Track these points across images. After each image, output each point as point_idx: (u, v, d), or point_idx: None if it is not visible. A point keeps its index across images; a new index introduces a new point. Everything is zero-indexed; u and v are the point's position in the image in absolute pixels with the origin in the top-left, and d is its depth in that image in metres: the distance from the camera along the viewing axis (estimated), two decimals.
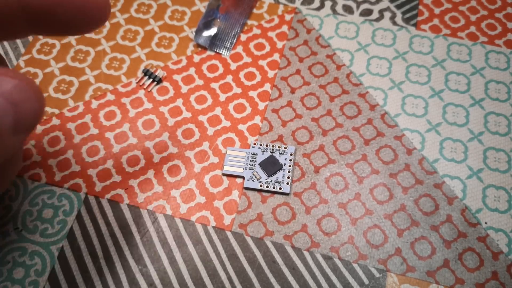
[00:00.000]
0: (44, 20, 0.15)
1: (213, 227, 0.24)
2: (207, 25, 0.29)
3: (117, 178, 0.25)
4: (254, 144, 0.25)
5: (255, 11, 0.31)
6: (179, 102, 0.27)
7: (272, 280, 0.22)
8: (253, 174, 0.24)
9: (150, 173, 0.25)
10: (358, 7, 0.31)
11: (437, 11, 0.30)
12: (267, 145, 0.25)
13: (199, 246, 0.23)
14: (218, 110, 0.27)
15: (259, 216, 0.24)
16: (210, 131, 0.26)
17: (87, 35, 0.30)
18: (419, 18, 0.30)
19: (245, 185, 0.24)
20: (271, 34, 0.30)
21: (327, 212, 0.24)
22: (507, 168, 0.25)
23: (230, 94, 0.27)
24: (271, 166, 0.25)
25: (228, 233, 0.23)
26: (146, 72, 0.28)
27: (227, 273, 0.22)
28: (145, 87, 0.28)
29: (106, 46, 0.29)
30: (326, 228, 0.23)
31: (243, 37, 0.30)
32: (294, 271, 0.22)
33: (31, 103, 0.14)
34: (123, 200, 0.24)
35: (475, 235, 0.23)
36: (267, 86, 0.28)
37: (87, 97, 0.27)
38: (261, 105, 0.27)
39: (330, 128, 0.26)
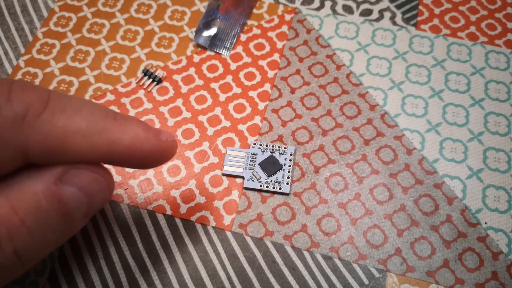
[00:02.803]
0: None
1: (213, 227, 0.24)
2: (207, 25, 0.29)
3: (117, 178, 0.25)
4: (254, 144, 0.25)
5: (255, 11, 0.31)
6: (179, 102, 0.27)
7: (272, 280, 0.22)
8: (253, 174, 0.24)
9: (150, 173, 0.25)
10: (358, 7, 0.31)
11: (437, 11, 0.30)
12: (267, 145, 0.25)
13: (199, 246, 0.23)
14: (218, 110, 0.27)
15: (259, 216, 0.24)
16: (210, 131, 0.26)
17: (87, 35, 0.30)
18: (419, 18, 0.30)
19: (245, 185, 0.24)
20: (271, 34, 0.30)
21: (327, 212, 0.24)
22: (507, 168, 0.25)
23: (230, 94, 0.27)
24: (271, 166, 0.25)
25: (228, 233, 0.23)
26: (146, 72, 0.28)
27: (227, 273, 0.22)
28: (145, 87, 0.28)
29: (106, 46, 0.29)
30: (326, 228, 0.23)
31: (243, 37, 0.30)
32: (294, 271, 0.22)
33: (104, 194, 0.16)
34: (123, 200, 0.24)
35: (475, 235, 0.23)
36: (267, 86, 0.28)
37: (87, 97, 0.27)
38: (261, 105, 0.27)
39: (330, 128, 0.26)
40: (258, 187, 0.24)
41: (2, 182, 0.15)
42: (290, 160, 0.25)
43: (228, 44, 0.29)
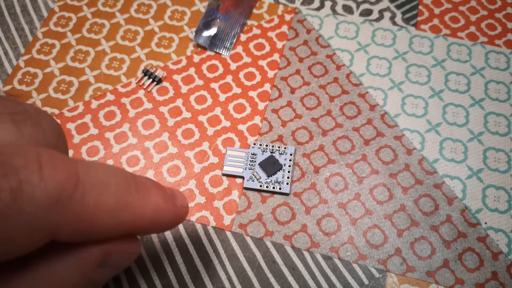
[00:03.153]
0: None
1: (213, 227, 0.24)
2: (207, 25, 0.29)
3: None
4: (254, 144, 0.25)
5: (255, 11, 0.31)
6: (179, 102, 0.27)
7: (272, 280, 0.22)
8: (253, 174, 0.24)
9: (150, 173, 0.25)
10: (358, 7, 0.31)
11: (437, 11, 0.30)
12: (267, 145, 0.25)
13: (199, 246, 0.23)
14: (218, 110, 0.27)
15: (259, 216, 0.24)
16: (210, 131, 0.26)
17: (86, 35, 0.30)
18: (419, 18, 0.30)
19: (245, 185, 0.24)
20: (271, 34, 0.30)
21: (327, 212, 0.24)
22: (507, 168, 0.25)
23: (230, 94, 0.27)
24: (271, 166, 0.25)
25: (228, 233, 0.23)
26: (146, 72, 0.28)
27: (226, 273, 0.22)
28: (145, 87, 0.28)
29: (106, 46, 0.29)
30: (326, 228, 0.23)
31: (243, 37, 0.30)
32: (294, 271, 0.22)
33: (131, 261, 0.17)
34: None
35: (475, 235, 0.23)
36: (267, 86, 0.28)
37: (87, 97, 0.27)
38: (261, 105, 0.27)
39: (330, 128, 0.26)
40: (258, 187, 0.24)
41: (41, 268, 0.15)
42: (290, 160, 0.25)
43: (228, 44, 0.29)
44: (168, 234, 0.23)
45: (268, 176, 0.24)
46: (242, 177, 0.25)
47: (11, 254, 0.13)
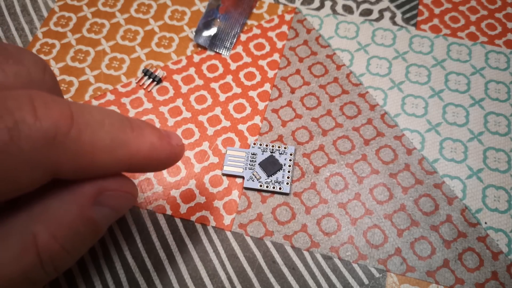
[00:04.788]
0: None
1: (213, 227, 0.24)
2: (207, 25, 0.29)
3: None
4: (254, 144, 0.25)
5: (255, 11, 0.31)
6: (179, 102, 0.27)
7: (272, 280, 0.22)
8: (253, 174, 0.24)
9: (150, 173, 0.25)
10: (358, 7, 0.31)
11: (437, 11, 0.30)
12: (267, 145, 0.25)
13: (199, 246, 0.23)
14: (218, 110, 0.27)
15: (259, 216, 0.24)
16: (210, 131, 0.26)
17: (86, 35, 0.30)
18: (419, 18, 0.30)
19: (245, 185, 0.24)
20: (271, 34, 0.30)
21: (327, 212, 0.24)
22: (507, 168, 0.25)
23: (230, 94, 0.27)
24: (271, 166, 0.25)
25: (228, 233, 0.23)
26: (146, 72, 0.28)
27: (226, 273, 0.22)
28: (145, 87, 0.28)
29: (106, 46, 0.29)
30: (326, 228, 0.23)
31: (243, 37, 0.30)
32: (294, 271, 0.22)
33: (130, 206, 0.18)
34: None
35: (475, 235, 0.23)
36: (267, 86, 0.28)
37: (87, 97, 0.27)
38: (261, 105, 0.27)
39: (330, 128, 0.26)
40: (258, 187, 0.24)
41: (36, 206, 0.15)
42: (290, 160, 0.25)
43: (228, 44, 0.29)
44: (168, 234, 0.23)
45: (268, 176, 0.24)
46: (242, 177, 0.25)
47: (13, 192, 0.14)
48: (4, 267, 0.14)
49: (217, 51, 0.29)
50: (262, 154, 0.25)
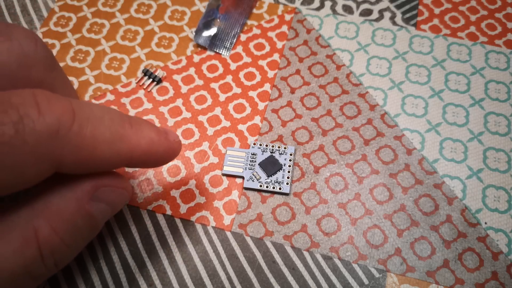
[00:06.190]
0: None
1: (213, 227, 0.24)
2: (207, 25, 0.29)
3: None
4: (254, 144, 0.25)
5: (255, 11, 0.31)
6: (179, 102, 0.27)
7: (272, 280, 0.22)
8: (253, 174, 0.24)
9: (150, 173, 0.25)
10: (358, 7, 0.31)
11: (437, 11, 0.30)
12: (267, 145, 0.25)
13: (199, 246, 0.23)
14: (218, 110, 0.27)
15: (259, 216, 0.24)
16: (210, 131, 0.26)
17: (86, 35, 0.30)
18: (419, 18, 0.30)
19: (245, 185, 0.24)
20: (271, 34, 0.30)
21: (327, 212, 0.24)
22: (507, 168, 0.25)
23: (230, 94, 0.27)
24: (271, 166, 0.25)
25: (228, 233, 0.23)
26: (146, 72, 0.28)
27: (226, 273, 0.22)
28: (145, 87, 0.28)
29: (106, 46, 0.29)
30: (326, 228, 0.23)
31: (243, 37, 0.30)
32: (293, 271, 0.22)
33: (125, 202, 0.19)
34: None
35: (475, 235, 0.23)
36: (267, 86, 0.28)
37: (87, 97, 0.27)
38: (261, 105, 0.27)
39: (330, 128, 0.26)
40: (258, 187, 0.24)
41: (37, 201, 0.16)
42: (290, 160, 0.25)
43: (228, 44, 0.29)
44: (168, 234, 0.23)
45: (268, 176, 0.24)
46: (242, 177, 0.25)
47: (20, 185, 0.14)
48: (5, 260, 0.15)
49: (217, 51, 0.29)
50: (262, 154, 0.25)
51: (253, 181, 0.24)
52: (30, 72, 0.17)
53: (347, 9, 0.31)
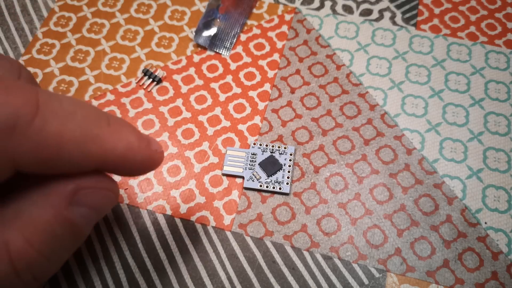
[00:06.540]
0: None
1: (213, 227, 0.24)
2: (207, 25, 0.29)
3: (117, 178, 0.25)
4: (254, 144, 0.25)
5: (255, 11, 0.31)
6: (179, 102, 0.27)
7: (272, 280, 0.22)
8: (253, 174, 0.24)
9: (150, 173, 0.25)
10: (358, 7, 0.31)
11: (437, 11, 0.30)
12: (267, 145, 0.25)
13: (199, 246, 0.23)
14: (218, 110, 0.27)
15: (259, 216, 0.24)
16: (210, 131, 0.26)
17: (86, 35, 0.30)
18: (419, 18, 0.30)
19: (245, 185, 0.24)
20: (271, 34, 0.30)
21: (327, 212, 0.24)
22: (507, 168, 0.25)
23: (230, 94, 0.27)
24: (271, 166, 0.25)
25: (228, 233, 0.23)
26: (146, 72, 0.28)
27: (226, 273, 0.22)
28: (145, 87, 0.28)
29: (106, 46, 0.29)
30: (326, 228, 0.23)
31: (243, 37, 0.30)
32: (293, 271, 0.22)
33: (111, 204, 0.16)
34: (123, 200, 0.24)
35: (475, 235, 0.23)
36: (267, 86, 0.28)
37: (87, 97, 0.27)
38: (261, 105, 0.27)
39: (330, 128, 0.26)
40: (258, 187, 0.24)
41: (7, 209, 0.14)
42: (290, 160, 0.25)
43: (228, 44, 0.29)
44: (168, 234, 0.23)
45: (268, 176, 0.24)
46: (242, 177, 0.25)
47: None
48: None
49: (217, 51, 0.29)
50: (262, 154, 0.25)
51: (253, 181, 0.24)
52: None
53: (347, 9, 0.31)
